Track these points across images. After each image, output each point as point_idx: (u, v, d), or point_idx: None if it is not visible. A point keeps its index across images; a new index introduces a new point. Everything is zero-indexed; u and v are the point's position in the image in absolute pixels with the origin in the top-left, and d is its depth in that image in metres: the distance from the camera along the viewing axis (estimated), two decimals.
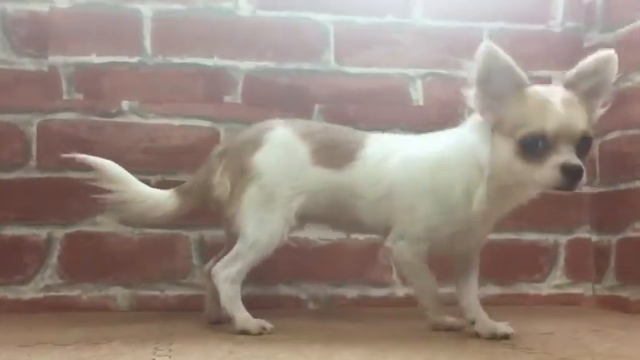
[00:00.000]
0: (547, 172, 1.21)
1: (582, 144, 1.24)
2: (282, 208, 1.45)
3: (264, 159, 1.47)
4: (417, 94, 2.05)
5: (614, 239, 1.97)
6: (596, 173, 2.04)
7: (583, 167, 1.21)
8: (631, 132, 1.90)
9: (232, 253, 1.46)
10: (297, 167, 1.47)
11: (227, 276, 1.44)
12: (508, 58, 1.27)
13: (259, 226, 1.44)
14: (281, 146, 1.48)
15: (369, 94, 2.02)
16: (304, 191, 1.47)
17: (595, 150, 2.04)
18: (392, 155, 1.46)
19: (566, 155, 1.21)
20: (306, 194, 1.47)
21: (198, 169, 1.59)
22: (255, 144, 1.48)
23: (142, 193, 1.52)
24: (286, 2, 2.00)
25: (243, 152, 1.49)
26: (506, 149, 1.26)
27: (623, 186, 1.94)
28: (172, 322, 1.61)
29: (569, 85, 1.29)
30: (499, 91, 1.27)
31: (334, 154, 1.47)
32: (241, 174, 1.47)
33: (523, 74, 1.28)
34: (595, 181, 2.05)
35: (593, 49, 2.08)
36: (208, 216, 1.89)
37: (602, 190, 2.03)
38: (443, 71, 2.04)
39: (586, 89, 1.28)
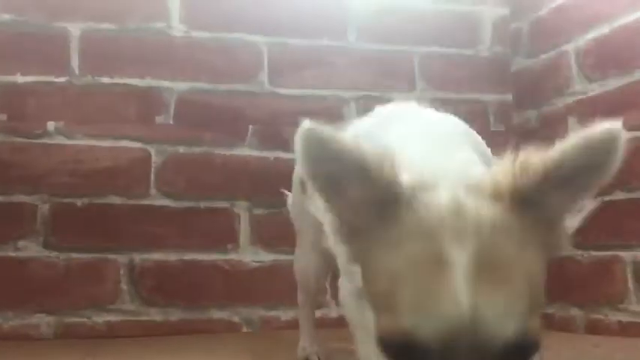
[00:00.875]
0: None
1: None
2: (305, 240, 1.35)
3: (291, 197, 1.42)
4: (351, 116, 2.06)
5: None
6: None
7: None
8: None
9: None
10: (300, 198, 1.29)
11: None
12: (347, 141, 0.57)
13: (295, 262, 1.42)
14: (296, 177, 1.34)
15: (304, 116, 1.98)
16: (307, 223, 1.30)
17: None
18: None
19: None
20: (308, 225, 1.29)
21: None
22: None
23: None
24: (220, 23, 1.99)
25: None
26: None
27: None
28: (98, 350, 1.55)
29: (519, 201, 0.58)
30: (353, 201, 0.60)
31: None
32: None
33: (392, 169, 0.58)
34: None
35: (520, 73, 2.21)
36: (139, 237, 1.86)
37: None
38: (376, 93, 2.07)
39: (555, 203, 0.59)
